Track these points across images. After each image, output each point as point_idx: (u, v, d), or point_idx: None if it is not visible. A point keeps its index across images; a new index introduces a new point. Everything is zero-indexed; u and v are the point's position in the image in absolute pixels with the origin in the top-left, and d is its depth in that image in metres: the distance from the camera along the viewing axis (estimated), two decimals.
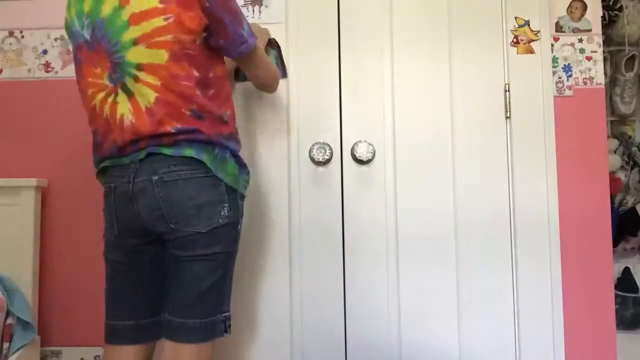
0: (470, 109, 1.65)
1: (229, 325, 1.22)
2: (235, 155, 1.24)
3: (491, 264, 1.61)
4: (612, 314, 1.63)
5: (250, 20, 1.34)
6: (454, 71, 1.66)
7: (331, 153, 1.62)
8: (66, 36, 1.27)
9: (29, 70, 1.75)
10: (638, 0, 2.20)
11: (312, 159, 1.62)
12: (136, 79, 1.13)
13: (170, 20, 1.10)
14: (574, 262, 1.63)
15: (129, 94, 1.14)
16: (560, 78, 1.68)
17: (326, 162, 1.63)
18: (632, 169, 2.24)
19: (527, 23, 1.67)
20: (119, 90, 1.15)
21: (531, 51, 1.66)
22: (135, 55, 1.12)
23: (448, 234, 1.62)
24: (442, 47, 1.66)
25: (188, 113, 1.14)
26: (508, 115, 1.65)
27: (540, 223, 1.61)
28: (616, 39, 2.23)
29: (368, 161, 1.63)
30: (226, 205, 1.18)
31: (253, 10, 1.68)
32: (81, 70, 1.21)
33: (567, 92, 1.68)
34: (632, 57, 2.21)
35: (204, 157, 1.15)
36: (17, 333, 1.51)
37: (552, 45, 1.68)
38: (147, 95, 1.12)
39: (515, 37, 1.66)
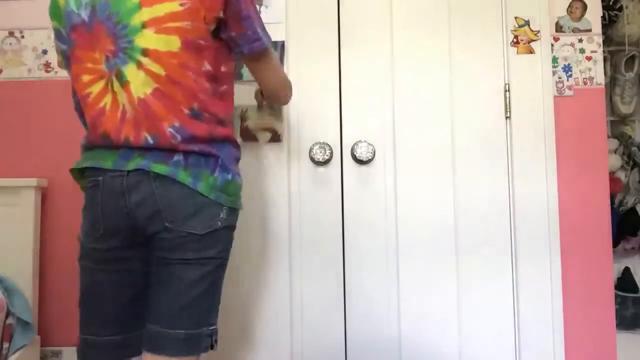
0: (470, 109, 1.65)
1: (216, 341, 1.09)
2: (236, 173, 1.13)
3: (491, 264, 1.61)
4: (612, 314, 1.63)
5: None
6: (454, 71, 1.66)
7: (331, 153, 1.62)
8: (51, 19, 1.16)
9: (29, 70, 1.74)
10: (638, 1, 2.20)
11: (312, 159, 1.62)
12: (139, 65, 1.04)
13: (187, 7, 1.03)
14: (574, 262, 1.63)
15: (123, 82, 1.04)
16: (560, 78, 1.68)
17: (326, 162, 1.63)
18: (632, 169, 2.24)
19: (527, 23, 1.67)
20: (113, 78, 1.05)
21: (531, 51, 1.66)
22: (143, 39, 1.03)
23: (448, 234, 1.62)
24: (442, 47, 1.67)
25: (186, 111, 1.05)
26: (508, 115, 1.65)
27: (540, 223, 1.62)
28: (616, 39, 2.23)
29: (368, 161, 1.62)
30: (225, 207, 1.09)
31: None
32: (75, 53, 1.10)
33: (567, 92, 1.68)
34: (632, 57, 2.21)
35: (201, 187, 1.05)
36: (17, 333, 1.51)
37: (552, 45, 1.68)
38: (144, 86, 1.04)
39: (515, 37, 1.66)
